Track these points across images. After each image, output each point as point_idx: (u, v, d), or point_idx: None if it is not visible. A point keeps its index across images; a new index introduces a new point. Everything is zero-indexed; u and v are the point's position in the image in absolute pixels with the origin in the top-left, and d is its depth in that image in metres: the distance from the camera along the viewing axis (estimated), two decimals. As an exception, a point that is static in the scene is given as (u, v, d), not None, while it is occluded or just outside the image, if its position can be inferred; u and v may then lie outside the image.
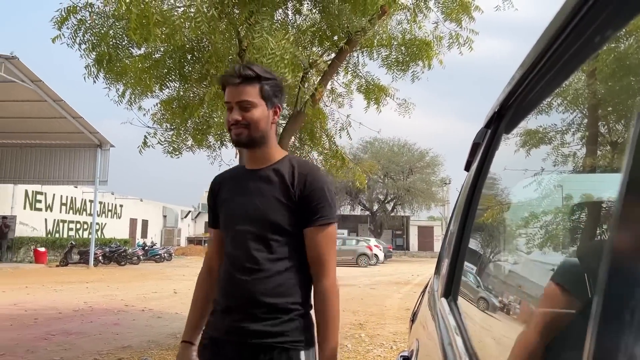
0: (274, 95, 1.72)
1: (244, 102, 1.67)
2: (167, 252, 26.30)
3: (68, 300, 10.41)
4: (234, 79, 1.68)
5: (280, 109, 1.78)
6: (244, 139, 1.69)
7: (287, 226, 1.65)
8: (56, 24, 5.46)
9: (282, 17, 6.21)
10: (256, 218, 1.67)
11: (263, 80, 1.69)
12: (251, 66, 1.70)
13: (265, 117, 1.70)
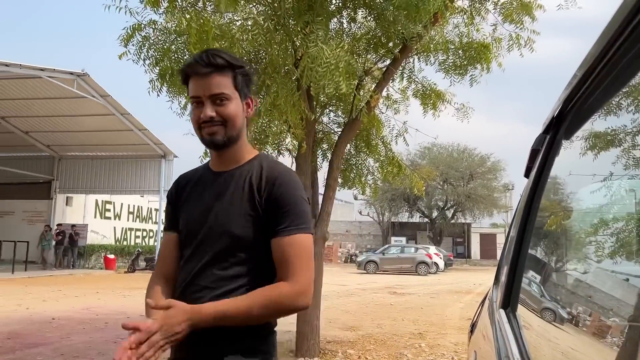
0: (246, 85, 1.50)
1: (218, 96, 1.43)
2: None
3: (135, 305, 10.84)
4: (203, 68, 1.42)
5: (253, 101, 1.54)
6: (220, 139, 1.45)
7: (250, 239, 1.42)
8: (123, 42, 5.73)
9: (337, 25, 6.25)
10: (215, 230, 1.45)
11: (236, 69, 1.46)
12: (220, 53, 1.46)
13: (241, 112, 1.49)
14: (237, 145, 1.50)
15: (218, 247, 1.43)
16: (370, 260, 26.65)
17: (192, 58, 1.47)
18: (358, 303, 12.35)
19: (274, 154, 7.00)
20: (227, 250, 1.42)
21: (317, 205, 6.40)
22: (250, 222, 1.42)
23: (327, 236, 6.30)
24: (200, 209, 1.51)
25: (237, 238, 1.42)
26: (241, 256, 1.42)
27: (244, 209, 1.43)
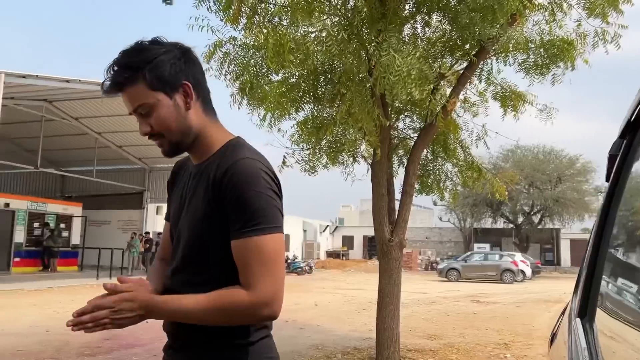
0: (170, 74, 1.28)
1: (138, 109, 1.29)
2: (308, 265, 27.29)
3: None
4: (111, 89, 1.28)
5: (190, 86, 1.32)
6: (168, 150, 1.35)
7: (212, 243, 1.29)
8: (205, 59, 6.05)
9: (411, 31, 6.23)
10: (182, 232, 1.36)
11: (144, 69, 1.26)
12: (122, 60, 1.27)
13: (173, 111, 1.30)
14: (199, 140, 1.35)
15: (185, 251, 1.34)
16: (451, 268, 25.98)
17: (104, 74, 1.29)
18: (439, 311, 12.09)
19: (350, 161, 7.07)
20: (192, 254, 1.32)
21: (393, 211, 6.38)
22: (208, 223, 1.28)
23: (404, 243, 6.25)
24: (177, 205, 1.43)
25: (198, 239, 1.30)
26: (206, 260, 1.30)
27: (203, 210, 1.29)
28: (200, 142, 1.36)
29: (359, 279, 24.08)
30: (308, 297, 14.86)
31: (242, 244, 1.22)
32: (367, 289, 16.77)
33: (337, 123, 5.68)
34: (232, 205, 1.23)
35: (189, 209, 1.35)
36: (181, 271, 1.35)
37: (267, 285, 1.21)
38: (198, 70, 1.37)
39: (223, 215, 1.25)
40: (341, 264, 35.61)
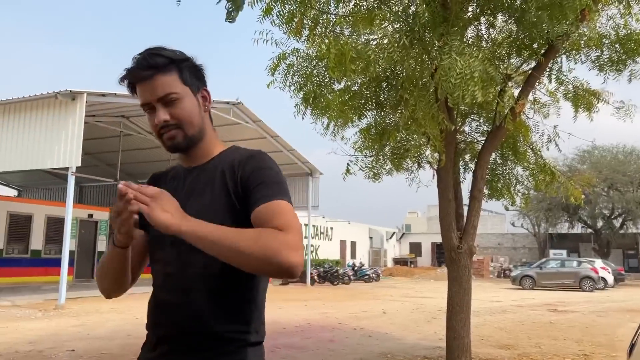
0: (196, 77, 1.39)
1: (167, 97, 1.31)
2: (375, 272, 27.11)
3: (290, 316, 11.45)
4: (144, 71, 1.30)
5: (209, 93, 1.43)
6: (181, 142, 1.36)
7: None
8: (270, 71, 6.21)
9: (475, 33, 6.10)
10: None
11: (179, 63, 1.34)
12: (159, 50, 1.33)
13: (196, 107, 1.37)
14: (203, 142, 1.40)
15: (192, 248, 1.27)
16: (526, 275, 24.93)
17: (132, 62, 1.33)
18: (513, 320, 11.64)
19: (414, 167, 7.00)
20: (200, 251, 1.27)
21: (461, 218, 6.24)
22: (226, 214, 1.29)
23: (474, 250, 6.10)
24: None
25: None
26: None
27: (218, 201, 1.31)
28: (204, 144, 1.41)
29: (428, 287, 23.63)
30: (376, 304, 14.77)
31: (267, 206, 1.24)
32: (436, 297, 16.43)
33: (400, 129, 5.65)
34: (253, 183, 1.28)
35: (195, 205, 1.31)
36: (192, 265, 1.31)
37: (298, 235, 1.19)
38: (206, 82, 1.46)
39: (240, 201, 1.29)
40: (409, 271, 35.11)
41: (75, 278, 18.51)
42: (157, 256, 1.41)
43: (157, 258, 1.41)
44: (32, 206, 18.73)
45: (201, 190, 1.36)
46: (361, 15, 5.32)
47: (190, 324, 1.29)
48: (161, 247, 1.38)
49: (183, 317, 1.30)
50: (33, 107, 13.02)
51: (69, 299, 12.44)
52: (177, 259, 1.34)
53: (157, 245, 1.40)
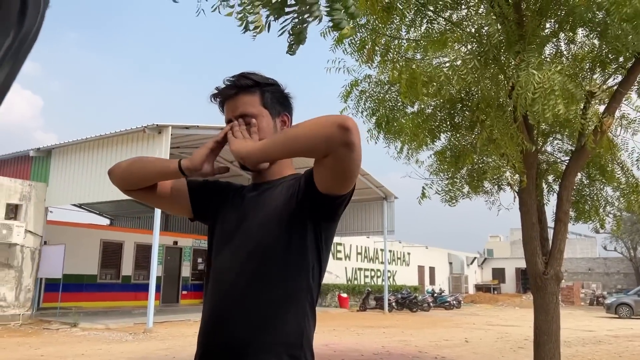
0: (278, 103, 1.49)
1: (245, 115, 1.43)
2: (456, 299, 26.21)
3: (368, 343, 11.30)
4: (229, 90, 1.45)
5: (289, 119, 1.51)
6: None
7: (289, 245, 1.36)
8: (343, 98, 6.33)
9: (554, 50, 5.89)
10: (252, 236, 1.40)
11: (263, 87, 1.46)
12: (248, 74, 1.46)
13: (272, 129, 1.46)
14: (275, 165, 1.49)
15: (254, 253, 1.38)
16: (622, 303, 23.07)
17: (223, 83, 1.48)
18: (609, 352, 10.79)
19: (494, 190, 6.78)
20: (265, 257, 1.36)
21: (547, 242, 5.95)
22: (286, 223, 1.37)
23: (561, 275, 5.78)
24: (237, 213, 1.47)
25: (274, 244, 1.36)
26: (279, 262, 1.35)
27: (282, 213, 1.38)
28: (275, 166, 1.49)
29: (513, 315, 22.48)
30: (457, 332, 14.25)
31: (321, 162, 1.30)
32: (522, 325, 15.60)
33: (477, 151, 5.52)
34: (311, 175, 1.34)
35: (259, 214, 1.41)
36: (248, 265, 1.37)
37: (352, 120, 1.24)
38: (292, 110, 1.56)
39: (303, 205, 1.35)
40: (492, 298, 33.61)
41: (162, 303, 19.36)
42: (214, 268, 1.47)
43: (214, 269, 1.47)
44: (123, 234, 19.93)
45: (266, 203, 1.43)
46: (433, 39, 5.32)
47: (241, 335, 1.32)
48: (219, 258, 1.45)
49: (233, 328, 1.33)
50: (123, 141, 13.99)
51: (156, 322, 13.03)
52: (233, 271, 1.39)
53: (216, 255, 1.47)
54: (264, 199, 1.45)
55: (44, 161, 15.31)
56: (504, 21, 4.86)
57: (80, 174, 14.55)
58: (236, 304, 1.36)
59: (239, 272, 1.38)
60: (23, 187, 14.16)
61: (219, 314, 1.38)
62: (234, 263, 1.40)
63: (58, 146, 15.13)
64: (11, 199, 13.68)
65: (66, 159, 14.99)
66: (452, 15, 5.74)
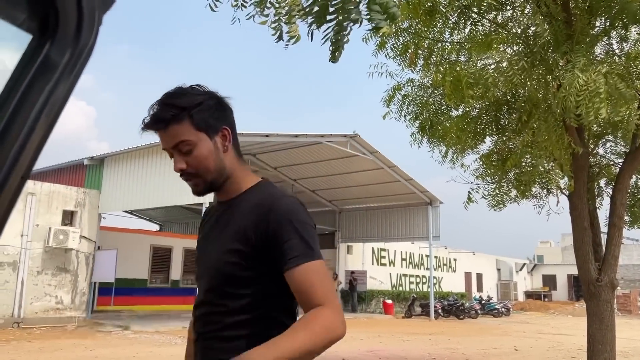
0: (213, 118, 1.38)
1: (180, 146, 1.35)
2: (505, 306, 25.51)
3: (414, 350, 11.16)
4: (156, 124, 1.36)
5: (229, 130, 1.43)
6: (202, 189, 1.41)
7: (243, 275, 1.33)
8: (385, 103, 6.31)
9: (605, 49, 5.69)
10: (208, 265, 1.41)
11: (192, 110, 1.34)
12: (171, 101, 1.36)
13: (213, 152, 1.38)
14: (229, 182, 1.43)
15: (210, 284, 1.40)
16: (684, 312, 21.87)
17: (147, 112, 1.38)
18: (671, 364, 10.25)
19: (543, 194, 6.59)
20: (220, 286, 1.36)
21: (600, 247, 5.73)
22: (236, 257, 1.34)
23: (616, 283, 5.54)
24: (204, 242, 1.51)
25: (224, 274, 1.35)
26: (234, 292, 1.34)
27: (235, 243, 1.35)
28: (231, 182, 1.43)
29: (565, 323, 21.68)
30: (506, 340, 13.86)
31: (304, 269, 1.26)
32: (575, 335, 15.02)
33: (520, 153, 5.38)
34: (279, 240, 1.29)
35: (215, 243, 1.43)
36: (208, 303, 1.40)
37: (337, 302, 1.26)
38: (233, 117, 1.47)
39: (260, 248, 1.31)
40: (543, 305, 32.51)
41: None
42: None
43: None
44: (171, 239, 20.48)
45: (221, 231, 1.41)
46: (477, 41, 5.24)
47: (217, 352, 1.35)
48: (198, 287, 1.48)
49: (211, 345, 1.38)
50: (172, 149, 14.39)
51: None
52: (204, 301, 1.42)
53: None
54: (223, 220, 1.44)
55: (97, 169, 15.95)
56: (551, 21, 4.73)
57: (131, 181, 15.08)
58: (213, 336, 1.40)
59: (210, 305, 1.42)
60: (78, 194, 14.78)
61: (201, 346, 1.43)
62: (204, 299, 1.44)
63: (110, 155, 15.74)
64: (67, 205, 14.30)
65: (118, 167, 15.58)
66: (497, 16, 5.64)
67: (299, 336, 1.17)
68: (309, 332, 1.18)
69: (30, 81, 0.51)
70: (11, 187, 0.50)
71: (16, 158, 0.50)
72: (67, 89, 0.54)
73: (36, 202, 13.55)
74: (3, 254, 12.62)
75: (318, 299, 1.24)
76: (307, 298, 1.25)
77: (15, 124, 0.51)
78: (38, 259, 13.40)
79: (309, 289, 1.26)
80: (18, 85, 0.52)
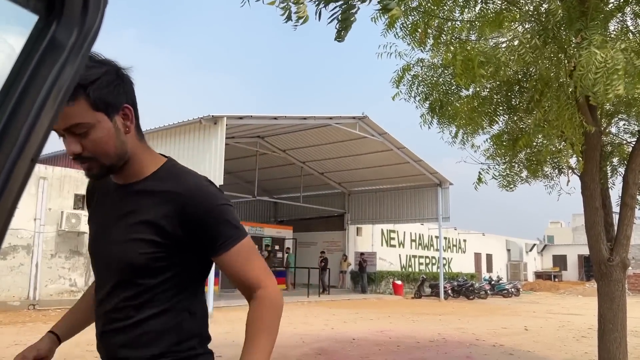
0: (112, 96, 1.21)
1: (75, 128, 1.18)
2: (515, 287, 25.54)
3: (424, 330, 11.23)
4: None
5: (131, 109, 1.27)
6: (98, 173, 1.26)
7: (155, 265, 1.27)
8: (394, 83, 6.24)
9: (619, 25, 5.58)
10: (112, 256, 1.30)
11: (88, 87, 1.17)
12: None
13: (112, 133, 1.22)
14: (130, 164, 1.30)
15: (120, 275, 1.29)
16: (696, 292, 21.78)
17: None
18: (682, 343, 10.23)
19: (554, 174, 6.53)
20: (132, 277, 1.28)
21: (612, 227, 5.69)
22: (147, 247, 1.26)
23: (628, 262, 5.52)
24: (100, 227, 1.37)
25: (133, 265, 1.27)
26: (149, 282, 1.28)
27: (146, 233, 1.27)
28: (132, 164, 1.30)
29: (576, 303, 21.69)
30: (516, 320, 13.90)
31: (235, 252, 1.29)
32: (585, 314, 15.03)
33: (531, 132, 5.33)
34: (207, 226, 1.27)
35: (120, 231, 1.30)
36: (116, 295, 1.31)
37: (269, 273, 1.33)
38: (134, 91, 1.30)
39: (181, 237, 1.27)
40: (553, 285, 32.52)
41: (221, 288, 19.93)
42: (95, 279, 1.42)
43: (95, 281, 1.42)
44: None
45: (129, 217, 1.30)
46: (488, 19, 5.15)
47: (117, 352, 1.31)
48: (95, 271, 1.39)
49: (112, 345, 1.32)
50: (181, 132, 14.43)
51: (216, 307, 13.46)
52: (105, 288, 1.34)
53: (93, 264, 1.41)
54: (128, 207, 1.32)
55: (108, 153, 16.02)
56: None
57: (141, 164, 15.15)
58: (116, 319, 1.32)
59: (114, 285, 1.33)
60: (89, 178, 14.88)
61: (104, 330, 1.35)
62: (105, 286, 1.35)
63: (120, 138, 15.79)
64: (79, 189, 14.42)
65: (128, 151, 15.64)
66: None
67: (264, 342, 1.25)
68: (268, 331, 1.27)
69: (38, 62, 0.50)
70: (21, 170, 0.49)
71: (25, 140, 0.50)
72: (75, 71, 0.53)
73: (48, 186, 13.68)
74: (17, 237, 12.79)
75: (253, 279, 1.30)
76: (243, 280, 1.30)
77: (24, 106, 0.50)
78: (52, 242, 13.57)
79: (243, 271, 1.30)
80: (25, 66, 0.51)
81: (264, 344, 1.25)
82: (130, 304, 1.29)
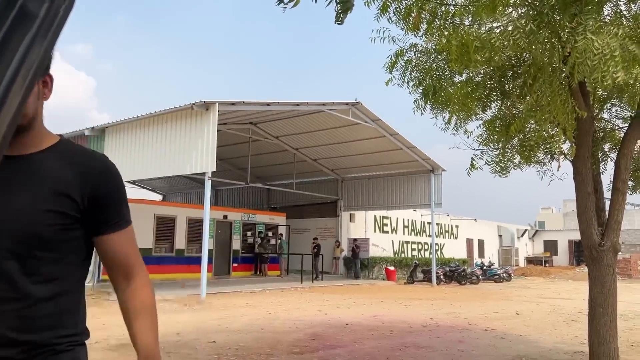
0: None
1: None
2: (506, 272, 25.77)
3: (416, 315, 11.31)
4: None
5: (52, 78, 1.28)
6: None
7: (61, 238, 1.24)
8: (388, 69, 6.19)
9: (613, 10, 5.55)
10: (13, 228, 1.19)
11: None
12: None
13: (35, 93, 1.24)
14: (31, 133, 1.26)
15: (18, 248, 1.20)
16: (684, 276, 22.08)
17: None
18: (670, 326, 10.38)
19: (546, 159, 6.54)
20: (31, 252, 1.21)
21: (603, 212, 5.71)
22: (61, 218, 1.24)
23: (618, 247, 5.55)
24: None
25: (44, 237, 1.22)
26: (50, 257, 1.24)
27: (53, 204, 1.23)
28: (32, 135, 1.27)
29: (566, 288, 21.92)
30: (508, 305, 14.04)
31: (125, 233, 1.38)
32: (575, 299, 15.21)
33: (524, 117, 5.31)
34: (110, 204, 1.33)
35: (21, 205, 1.22)
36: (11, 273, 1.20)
37: (141, 261, 1.43)
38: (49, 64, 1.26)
39: (83, 211, 1.28)
40: (544, 270, 32.85)
41: (214, 275, 19.97)
42: None
43: None
44: (175, 209, 20.56)
45: (29, 187, 1.24)
46: (483, 3, 5.10)
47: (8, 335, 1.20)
48: None
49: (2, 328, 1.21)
50: (173, 119, 14.31)
51: (209, 294, 13.47)
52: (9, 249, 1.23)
53: None
54: (23, 178, 1.24)
55: (99, 140, 15.89)
56: (558, -19, 4.59)
57: (133, 151, 15.04)
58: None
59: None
60: (80, 165, 14.75)
61: None
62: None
63: (111, 125, 15.66)
64: None
65: (119, 137, 15.52)
66: (502, -23, 5.47)
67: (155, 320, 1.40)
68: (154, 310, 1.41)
69: (6, 33, 0.47)
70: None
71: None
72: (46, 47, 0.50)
73: None
74: (8, 225, 12.69)
75: (136, 261, 1.41)
76: (126, 261, 1.38)
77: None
78: (43, 230, 13.48)
79: (129, 252, 1.39)
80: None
81: (155, 322, 1.39)
82: (31, 281, 1.22)
